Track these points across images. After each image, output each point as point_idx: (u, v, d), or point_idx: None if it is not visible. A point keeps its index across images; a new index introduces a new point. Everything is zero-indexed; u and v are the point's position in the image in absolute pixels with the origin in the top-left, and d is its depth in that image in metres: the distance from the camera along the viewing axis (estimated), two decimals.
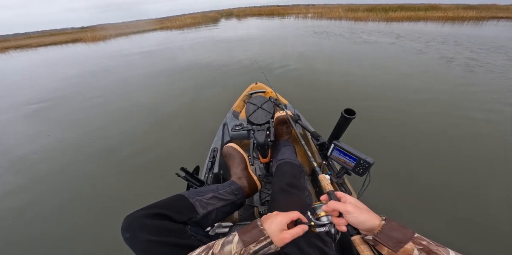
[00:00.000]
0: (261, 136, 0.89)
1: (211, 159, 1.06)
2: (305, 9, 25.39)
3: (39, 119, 2.92)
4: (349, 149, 0.67)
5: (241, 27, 11.92)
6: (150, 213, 0.48)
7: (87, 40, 14.58)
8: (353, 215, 0.37)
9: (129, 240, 0.45)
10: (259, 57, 4.93)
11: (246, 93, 1.75)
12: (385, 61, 4.15)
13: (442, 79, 3.11)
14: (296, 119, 1.03)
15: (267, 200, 1.05)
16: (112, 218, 1.30)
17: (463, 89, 2.74)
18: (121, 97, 3.42)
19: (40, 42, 16.54)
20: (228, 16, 28.60)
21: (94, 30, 22.66)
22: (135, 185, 1.61)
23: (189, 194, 0.60)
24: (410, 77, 3.22)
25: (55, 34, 26.70)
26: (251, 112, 1.03)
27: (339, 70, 3.74)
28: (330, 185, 0.46)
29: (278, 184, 0.77)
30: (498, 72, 3.24)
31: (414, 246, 0.32)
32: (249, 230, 0.39)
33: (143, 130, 2.34)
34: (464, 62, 3.78)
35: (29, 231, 1.35)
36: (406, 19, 11.65)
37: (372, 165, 0.62)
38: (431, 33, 7.13)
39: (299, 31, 9.03)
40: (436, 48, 4.92)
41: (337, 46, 5.64)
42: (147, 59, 6.17)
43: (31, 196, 1.61)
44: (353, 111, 0.66)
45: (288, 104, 1.46)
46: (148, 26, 20.23)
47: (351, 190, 0.81)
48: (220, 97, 2.88)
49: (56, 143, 2.27)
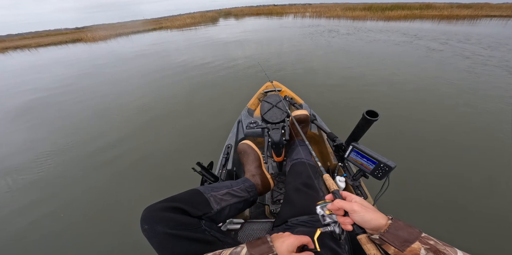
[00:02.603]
0: (277, 135, 0.87)
1: (225, 156, 1.05)
2: (303, 8, 25.02)
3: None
4: (369, 152, 0.65)
5: (245, 28, 11.43)
6: (169, 207, 0.48)
7: (87, 40, 14.30)
8: (359, 214, 0.36)
9: (147, 232, 0.45)
10: (276, 57, 4.73)
11: (261, 91, 1.72)
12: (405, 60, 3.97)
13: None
14: (312, 119, 1.01)
15: (278, 199, 1.04)
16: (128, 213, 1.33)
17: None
18: (121, 96, 3.40)
19: (39, 42, 16.18)
20: (227, 15, 28.13)
21: (90, 30, 22.01)
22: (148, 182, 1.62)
23: (204, 189, 0.60)
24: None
25: (51, 34, 26.03)
26: (266, 111, 1.01)
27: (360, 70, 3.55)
28: (334, 185, 0.46)
29: (293, 183, 0.76)
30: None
31: (421, 245, 0.31)
32: (259, 245, 0.39)
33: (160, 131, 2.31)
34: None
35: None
36: (403, 18, 11.55)
37: (392, 169, 0.60)
38: (446, 31, 6.70)
39: (305, 29, 8.84)
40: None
41: (351, 45, 5.40)
42: (158, 60, 5.93)
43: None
44: (376, 112, 0.63)
45: (304, 104, 1.42)
46: (144, 26, 19.77)
47: (367, 193, 0.78)
48: (233, 97, 2.84)
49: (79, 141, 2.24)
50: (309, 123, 1.00)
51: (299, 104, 1.41)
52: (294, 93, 1.48)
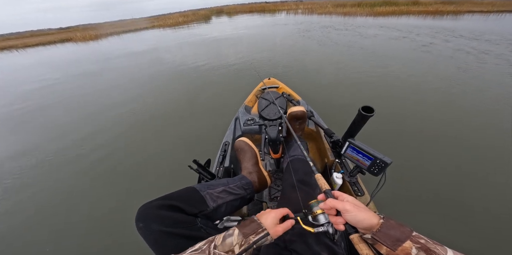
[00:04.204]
0: (273, 132, 0.85)
1: (222, 153, 1.02)
2: (295, 5, 24.63)
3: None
4: (365, 148, 0.63)
5: (237, 25, 11.08)
6: (164, 205, 0.48)
7: (77, 39, 13.63)
8: (351, 214, 0.35)
9: (142, 230, 0.45)
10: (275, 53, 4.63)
11: (258, 88, 1.66)
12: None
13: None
14: (309, 116, 0.98)
15: (276, 196, 1.02)
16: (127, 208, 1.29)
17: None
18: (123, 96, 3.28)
19: (26, 42, 15.28)
20: (219, 13, 27.36)
21: (77, 30, 20.87)
22: (145, 179, 1.59)
23: (200, 187, 0.59)
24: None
25: (36, 35, 24.65)
26: (264, 107, 0.98)
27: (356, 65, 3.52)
28: (326, 184, 0.45)
29: (289, 180, 0.74)
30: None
31: (413, 244, 0.31)
32: (248, 224, 0.41)
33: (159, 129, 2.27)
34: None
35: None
36: (391, 14, 11.58)
37: (389, 165, 0.59)
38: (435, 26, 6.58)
39: (300, 26, 8.70)
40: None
41: (345, 41, 5.32)
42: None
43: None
44: (372, 108, 0.61)
45: (301, 100, 1.38)
46: (134, 26, 18.93)
47: (364, 190, 0.77)
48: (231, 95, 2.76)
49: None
50: (306, 120, 0.98)
51: (296, 100, 1.38)
52: (291, 90, 1.43)
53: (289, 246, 0.51)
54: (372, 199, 0.65)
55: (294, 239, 0.51)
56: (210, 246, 0.36)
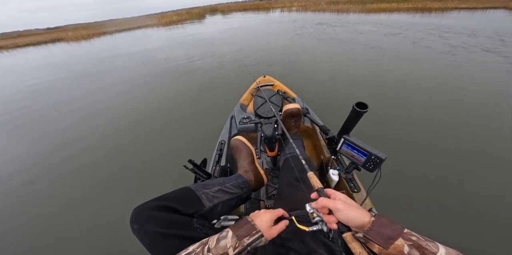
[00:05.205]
0: (269, 129, 0.83)
1: (219, 152, 1.00)
2: (289, 3, 24.34)
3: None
4: (359, 144, 0.62)
5: (232, 24, 10.85)
6: (159, 205, 0.47)
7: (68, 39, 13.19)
8: (342, 212, 0.35)
9: (137, 232, 0.43)
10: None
11: (254, 86, 1.63)
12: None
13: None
14: (304, 113, 0.96)
15: (273, 194, 1.01)
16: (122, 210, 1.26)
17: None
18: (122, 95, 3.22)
19: (16, 43, 14.69)
20: (213, 12, 26.79)
21: (66, 30, 20.07)
22: (141, 179, 1.56)
23: (196, 187, 0.58)
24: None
25: (24, 35, 23.70)
26: (259, 105, 0.95)
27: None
28: (319, 183, 0.44)
29: (285, 178, 0.74)
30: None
31: (404, 242, 0.31)
32: (242, 226, 0.39)
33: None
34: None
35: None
36: (382, 11, 11.61)
37: (383, 161, 0.57)
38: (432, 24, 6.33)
39: (295, 23, 8.59)
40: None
41: (340, 38, 5.24)
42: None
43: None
44: (366, 104, 0.60)
45: (296, 98, 1.36)
46: (129, 25, 18.40)
47: (360, 186, 0.76)
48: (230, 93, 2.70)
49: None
50: (302, 117, 0.96)
51: (292, 98, 1.35)
52: (286, 87, 1.41)
53: (285, 243, 0.50)
54: (368, 195, 0.64)
55: (290, 237, 0.50)
56: (203, 249, 0.35)
